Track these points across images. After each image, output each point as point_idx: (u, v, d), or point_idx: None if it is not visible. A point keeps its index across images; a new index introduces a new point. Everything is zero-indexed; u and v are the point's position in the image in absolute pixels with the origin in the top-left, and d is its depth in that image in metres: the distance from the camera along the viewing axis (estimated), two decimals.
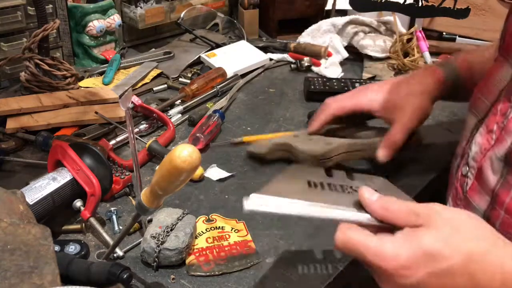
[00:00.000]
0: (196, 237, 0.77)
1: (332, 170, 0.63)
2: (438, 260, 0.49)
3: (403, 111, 0.87)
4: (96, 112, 1.02)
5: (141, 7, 1.37)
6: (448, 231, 0.51)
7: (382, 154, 0.86)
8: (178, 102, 1.14)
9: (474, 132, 0.72)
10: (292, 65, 1.34)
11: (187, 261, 0.73)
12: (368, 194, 0.55)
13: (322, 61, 1.33)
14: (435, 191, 0.99)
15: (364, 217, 0.53)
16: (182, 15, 1.41)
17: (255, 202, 0.53)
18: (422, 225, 0.51)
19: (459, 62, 0.91)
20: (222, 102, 1.13)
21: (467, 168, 0.71)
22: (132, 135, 0.70)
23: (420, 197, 0.91)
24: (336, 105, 0.92)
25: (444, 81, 0.89)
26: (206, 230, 0.78)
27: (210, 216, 0.81)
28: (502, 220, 0.63)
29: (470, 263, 0.50)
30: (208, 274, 0.71)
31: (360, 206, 0.55)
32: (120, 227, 0.79)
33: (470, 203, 0.69)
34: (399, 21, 1.34)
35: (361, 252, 0.52)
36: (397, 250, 0.51)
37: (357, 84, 1.19)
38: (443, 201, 0.79)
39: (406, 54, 1.31)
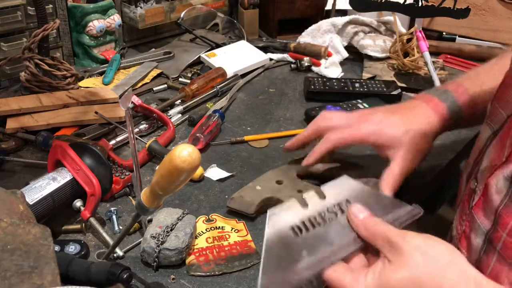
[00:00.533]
0: (196, 237, 0.77)
1: (303, 194, 0.66)
2: None
3: (405, 151, 0.80)
4: (96, 112, 1.02)
5: (141, 7, 1.37)
6: (416, 273, 0.53)
7: (385, 188, 0.79)
8: (178, 102, 1.14)
9: (487, 144, 0.68)
10: (292, 65, 1.34)
11: (187, 261, 0.73)
12: (356, 211, 0.60)
13: (322, 61, 1.33)
14: (436, 190, 0.99)
15: (352, 244, 0.60)
16: (182, 15, 1.41)
17: None
18: (393, 263, 0.54)
19: (459, 94, 0.84)
20: (222, 102, 1.13)
21: (476, 183, 0.68)
22: (132, 135, 0.70)
23: (421, 195, 0.91)
24: (336, 137, 0.84)
25: (447, 117, 0.83)
26: (206, 230, 0.78)
27: (210, 216, 0.81)
28: (504, 243, 0.60)
29: None
30: (208, 274, 0.71)
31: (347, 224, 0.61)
32: (120, 227, 0.79)
33: (474, 220, 0.66)
34: (399, 21, 1.34)
35: None
36: None
37: (357, 84, 1.19)
38: (443, 200, 0.79)
39: (406, 54, 1.31)
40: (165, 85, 1.22)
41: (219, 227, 0.79)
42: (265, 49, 1.39)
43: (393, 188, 0.79)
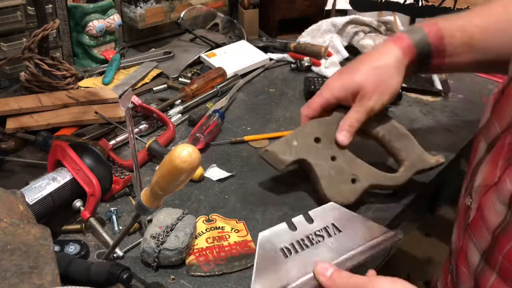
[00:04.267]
0: (196, 237, 0.77)
1: (292, 218, 0.70)
2: None
3: (363, 90, 0.82)
4: (96, 112, 1.02)
5: (141, 7, 1.37)
6: None
7: (340, 137, 0.82)
8: (178, 102, 1.14)
9: (482, 160, 0.66)
10: (292, 65, 1.34)
11: (187, 261, 0.73)
12: (322, 270, 0.62)
13: (322, 61, 1.33)
14: (436, 190, 0.99)
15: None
16: (182, 15, 1.41)
17: None
18: None
19: (428, 28, 0.83)
20: (222, 102, 1.13)
21: (471, 200, 0.67)
22: (132, 135, 0.70)
23: (421, 196, 0.91)
24: (320, 98, 0.86)
25: (413, 47, 0.82)
26: (206, 230, 0.78)
27: (210, 216, 0.81)
28: (500, 266, 0.59)
29: None
30: (208, 274, 0.71)
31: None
32: (120, 227, 0.79)
33: (471, 238, 0.65)
34: (399, 21, 1.34)
35: None
36: None
37: None
38: (443, 200, 0.79)
39: None
40: (165, 85, 1.22)
41: (219, 227, 0.79)
42: (265, 49, 1.39)
43: (349, 131, 0.81)
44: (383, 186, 0.85)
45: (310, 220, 0.70)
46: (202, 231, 0.78)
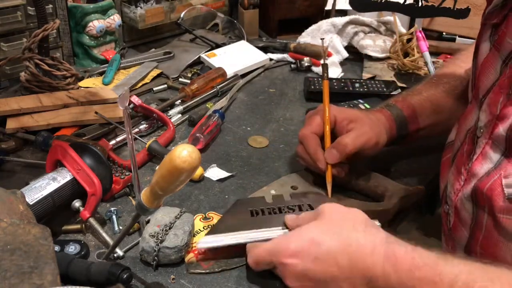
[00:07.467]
0: (194, 235, 0.77)
1: (272, 196, 0.80)
2: (320, 244, 0.61)
3: (360, 121, 0.84)
4: (96, 112, 1.02)
5: (141, 7, 1.37)
6: (331, 223, 0.64)
7: (328, 154, 0.82)
8: (178, 102, 1.14)
9: (449, 171, 0.75)
10: (292, 65, 1.34)
11: (186, 259, 0.73)
12: (289, 216, 0.71)
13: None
14: (436, 190, 0.99)
15: (283, 232, 0.71)
16: (182, 15, 1.41)
17: (207, 241, 0.71)
18: (314, 221, 0.65)
19: (400, 104, 0.91)
20: (222, 102, 1.13)
21: (447, 206, 0.74)
22: (130, 135, 0.70)
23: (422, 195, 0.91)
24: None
25: (393, 119, 0.89)
26: (203, 228, 0.78)
27: (207, 214, 0.81)
28: (480, 255, 0.67)
29: (348, 246, 0.61)
30: (207, 271, 0.71)
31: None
32: (120, 227, 0.79)
33: (453, 239, 0.72)
34: (399, 21, 1.34)
35: (267, 259, 0.65)
36: (288, 242, 0.64)
37: (357, 84, 1.19)
38: (440, 199, 0.80)
39: (406, 54, 1.31)
40: (165, 85, 1.22)
41: None
42: (265, 49, 1.39)
43: (339, 153, 0.81)
44: (372, 212, 0.76)
45: (288, 197, 0.79)
46: (199, 229, 0.78)
